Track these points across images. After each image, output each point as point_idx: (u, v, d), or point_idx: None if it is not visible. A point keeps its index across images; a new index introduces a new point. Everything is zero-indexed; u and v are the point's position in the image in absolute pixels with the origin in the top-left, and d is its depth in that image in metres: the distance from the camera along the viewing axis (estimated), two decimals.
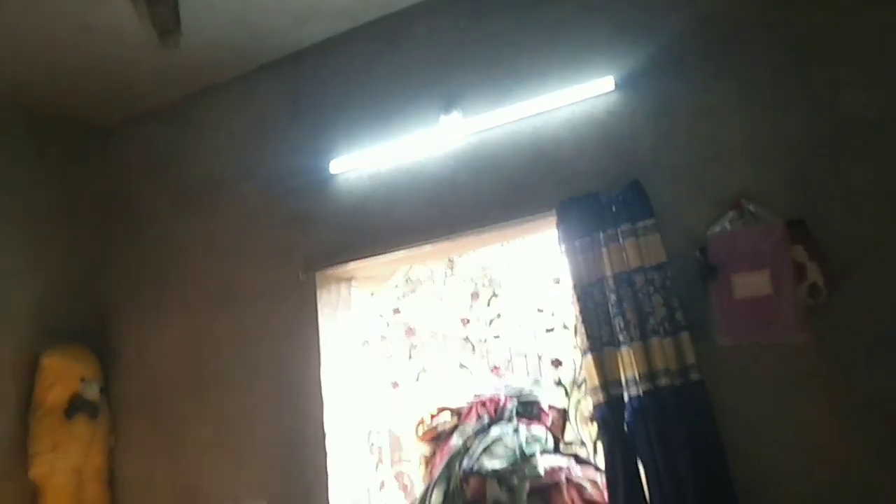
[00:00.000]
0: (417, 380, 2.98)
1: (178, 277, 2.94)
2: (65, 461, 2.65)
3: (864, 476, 1.78)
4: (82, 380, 2.78)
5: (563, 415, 2.67)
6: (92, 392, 2.80)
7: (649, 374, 1.93)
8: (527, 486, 2.32)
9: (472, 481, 2.36)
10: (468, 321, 3.01)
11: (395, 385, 2.98)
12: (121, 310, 3.06)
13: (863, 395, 1.81)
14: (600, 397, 2.02)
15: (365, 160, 2.57)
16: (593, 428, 2.54)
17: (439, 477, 2.46)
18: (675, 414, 1.91)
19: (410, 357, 3.02)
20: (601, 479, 2.29)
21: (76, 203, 3.12)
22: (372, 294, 2.92)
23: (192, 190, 2.99)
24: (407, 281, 3.04)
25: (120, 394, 2.95)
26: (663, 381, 1.91)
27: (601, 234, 2.06)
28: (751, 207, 1.93)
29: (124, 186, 3.20)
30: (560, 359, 2.77)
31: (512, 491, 2.32)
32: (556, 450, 2.53)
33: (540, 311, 2.85)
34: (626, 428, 2.00)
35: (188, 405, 2.80)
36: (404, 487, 2.90)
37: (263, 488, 2.58)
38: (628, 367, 1.97)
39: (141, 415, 2.91)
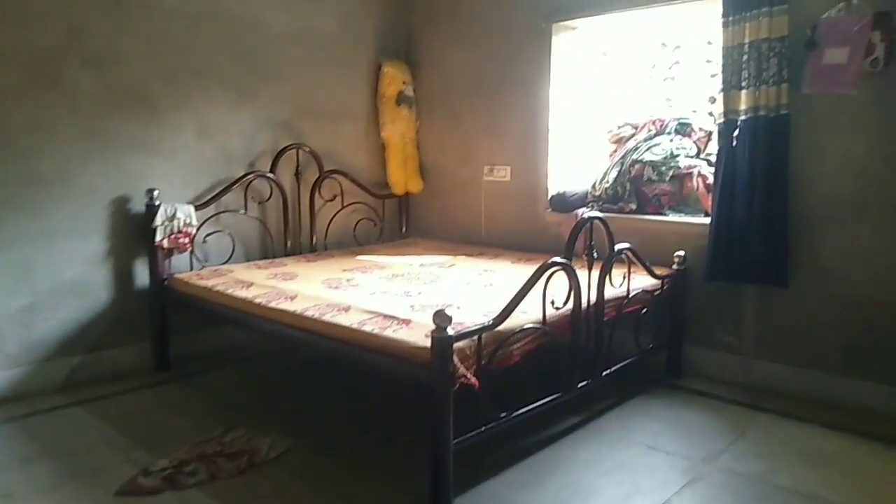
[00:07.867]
0: (609, 99, 4.34)
1: (461, 16, 4.43)
2: (397, 129, 4.55)
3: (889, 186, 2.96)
4: (404, 83, 4.54)
5: (709, 135, 3.93)
6: (409, 91, 4.57)
7: (755, 108, 3.12)
8: (671, 172, 3.76)
9: (637, 166, 3.83)
10: (654, 65, 4.18)
11: (592, 107, 4.37)
12: (423, 37, 4.69)
13: None
14: (722, 120, 3.28)
15: None
16: None
17: (615, 163, 3.96)
18: (766, 133, 3.12)
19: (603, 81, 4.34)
20: None
21: None
22: (583, 38, 4.18)
23: None
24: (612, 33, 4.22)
25: (422, 93, 4.71)
26: (762, 112, 3.10)
27: (748, 13, 3.10)
28: (855, 0, 2.83)
29: None
30: (715, 97, 3.93)
31: (660, 174, 3.77)
32: (697, 156, 3.87)
33: (708, 61, 3.94)
34: (734, 141, 3.26)
35: (464, 102, 4.49)
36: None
37: (508, 158, 4.31)
38: (743, 102, 3.16)
39: (435, 107, 4.68)
